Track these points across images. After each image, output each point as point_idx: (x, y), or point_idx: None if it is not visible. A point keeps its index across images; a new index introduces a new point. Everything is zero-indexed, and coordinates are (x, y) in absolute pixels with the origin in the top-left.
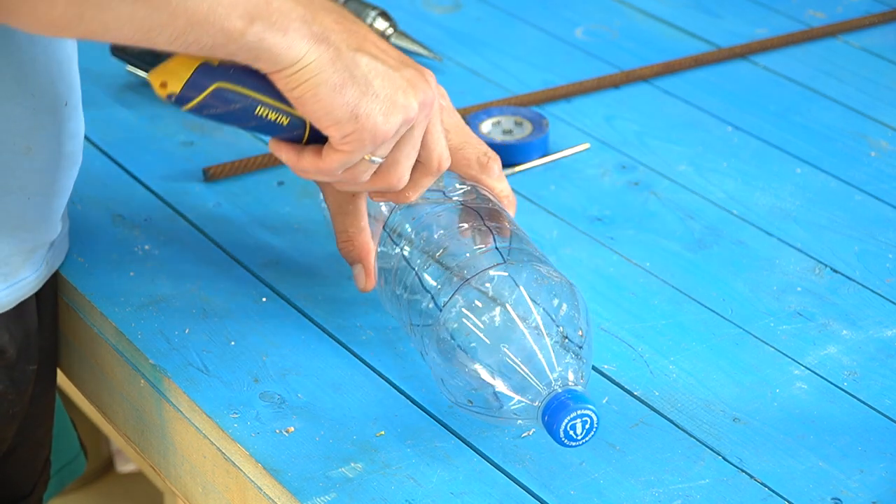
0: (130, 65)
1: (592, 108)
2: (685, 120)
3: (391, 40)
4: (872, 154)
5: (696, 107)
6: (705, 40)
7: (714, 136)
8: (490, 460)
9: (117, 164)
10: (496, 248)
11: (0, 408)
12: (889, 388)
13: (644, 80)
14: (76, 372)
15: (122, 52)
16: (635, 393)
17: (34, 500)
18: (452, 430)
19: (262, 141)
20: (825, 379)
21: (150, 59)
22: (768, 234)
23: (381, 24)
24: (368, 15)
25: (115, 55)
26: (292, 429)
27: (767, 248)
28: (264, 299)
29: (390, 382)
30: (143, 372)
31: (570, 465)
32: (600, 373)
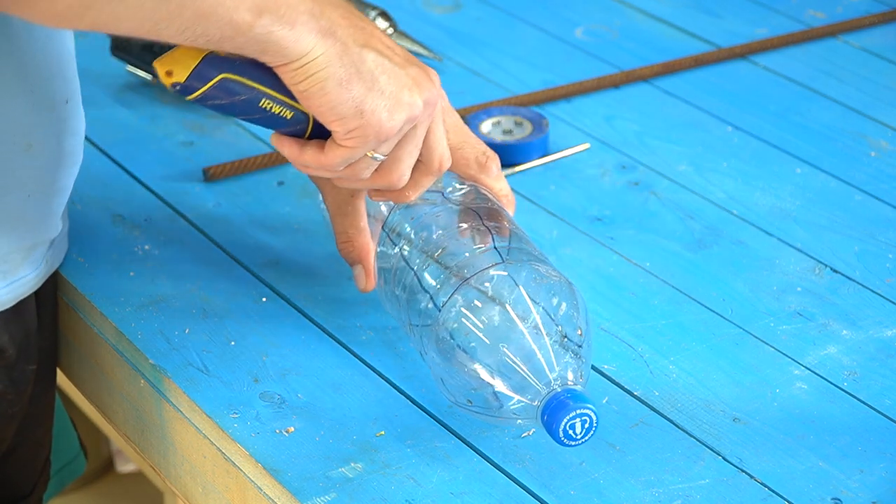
0: (130, 65)
1: (592, 108)
2: (685, 120)
3: None
4: (872, 154)
5: (696, 107)
6: (705, 40)
7: (714, 136)
8: (490, 460)
9: (117, 164)
10: (495, 247)
11: None
12: (889, 388)
13: (644, 80)
14: (76, 372)
15: (122, 52)
16: (635, 393)
17: (34, 500)
18: (452, 430)
19: (263, 141)
20: (825, 379)
21: (150, 59)
22: (768, 234)
23: (381, 24)
24: (368, 14)
25: (115, 55)
26: (292, 429)
27: (767, 248)
28: (264, 299)
29: (390, 382)
30: (143, 372)
31: (570, 465)
32: (600, 373)
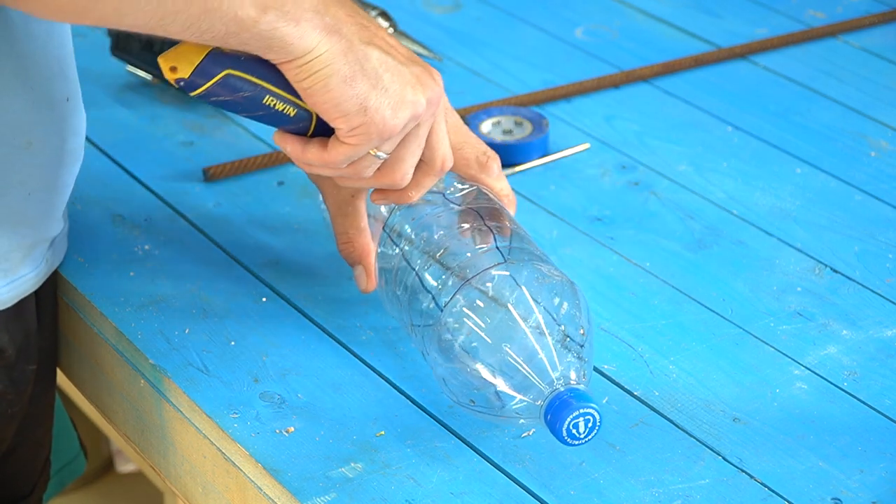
0: (130, 65)
1: (592, 108)
2: (685, 120)
3: None
4: (872, 154)
5: (696, 107)
6: (705, 40)
7: (714, 136)
8: (490, 460)
9: (117, 164)
10: (497, 247)
11: None
12: (889, 388)
13: (644, 80)
14: (76, 372)
15: (122, 52)
16: (635, 393)
17: (34, 500)
18: (452, 430)
19: (263, 141)
20: (825, 379)
21: (150, 58)
22: (768, 234)
23: (381, 24)
24: (368, 14)
25: (115, 55)
26: (292, 429)
27: (767, 248)
28: (264, 299)
29: (390, 382)
30: (143, 372)
31: (570, 465)
32: (600, 373)
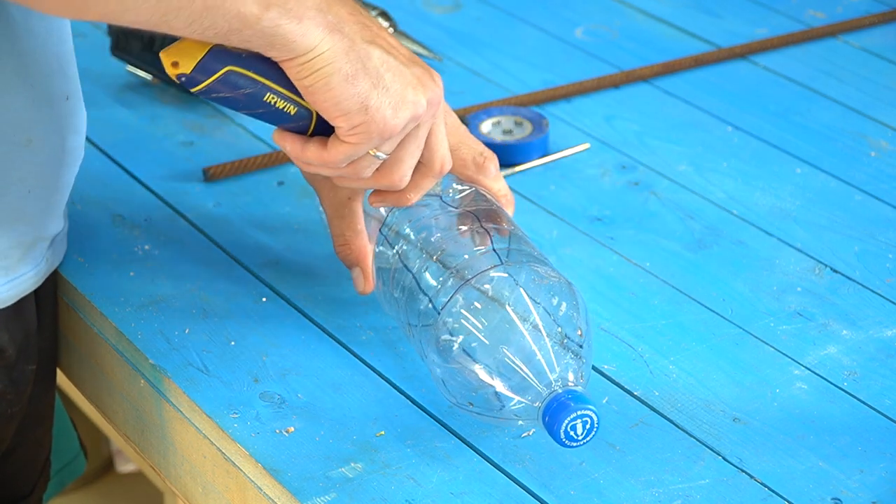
0: (130, 65)
1: (592, 108)
2: (685, 120)
3: None
4: (872, 154)
5: (696, 107)
6: (705, 40)
7: (714, 136)
8: (490, 460)
9: (117, 164)
10: (494, 249)
11: None
12: (889, 388)
13: (644, 80)
14: (76, 372)
15: (122, 52)
16: (635, 393)
17: (34, 500)
18: (452, 430)
19: (263, 141)
20: (825, 379)
21: (150, 58)
22: (768, 234)
23: (381, 24)
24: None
25: (115, 55)
26: (292, 429)
27: (767, 248)
28: (264, 299)
29: (390, 382)
30: (143, 372)
31: (570, 465)
32: (600, 373)
